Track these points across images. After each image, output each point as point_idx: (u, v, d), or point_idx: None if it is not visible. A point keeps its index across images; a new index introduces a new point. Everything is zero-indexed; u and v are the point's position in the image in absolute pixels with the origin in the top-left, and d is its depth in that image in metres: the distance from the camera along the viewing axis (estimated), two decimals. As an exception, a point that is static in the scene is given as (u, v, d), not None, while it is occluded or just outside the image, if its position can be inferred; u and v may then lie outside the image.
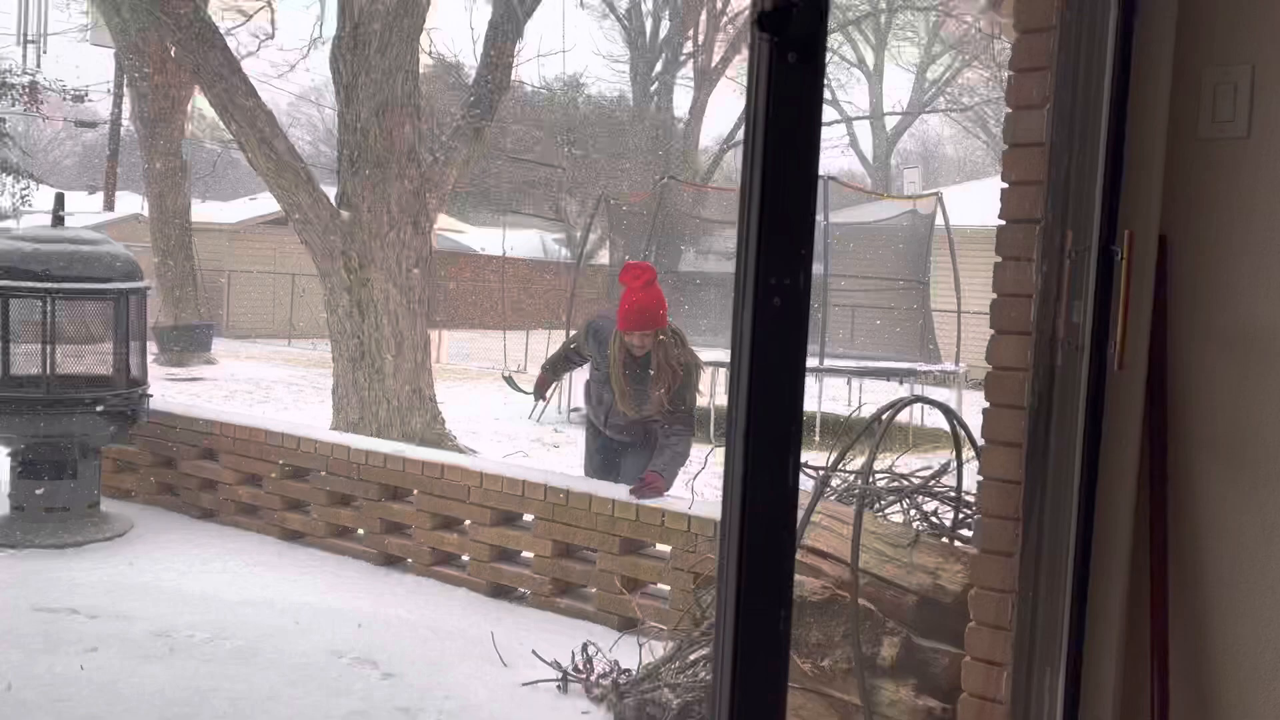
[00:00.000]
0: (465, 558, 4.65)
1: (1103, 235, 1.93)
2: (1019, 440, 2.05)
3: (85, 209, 23.35)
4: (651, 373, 4.32)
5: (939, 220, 12.81)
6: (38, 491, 4.92)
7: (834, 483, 3.31)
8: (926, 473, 3.31)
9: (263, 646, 3.66)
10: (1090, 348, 1.94)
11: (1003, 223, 2.12)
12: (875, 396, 11.72)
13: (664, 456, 4.30)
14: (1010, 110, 2.10)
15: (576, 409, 12.43)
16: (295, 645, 3.69)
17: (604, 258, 21.82)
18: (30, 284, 4.80)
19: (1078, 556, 1.96)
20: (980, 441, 2.18)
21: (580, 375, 13.77)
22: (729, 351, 1.15)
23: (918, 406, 3.73)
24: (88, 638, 3.66)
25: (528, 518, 4.49)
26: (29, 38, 20.93)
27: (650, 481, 4.20)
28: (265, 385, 13.32)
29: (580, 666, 3.48)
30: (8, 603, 3.99)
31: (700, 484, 4.18)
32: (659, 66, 28.80)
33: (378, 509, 4.86)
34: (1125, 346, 1.88)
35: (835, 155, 33.32)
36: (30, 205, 8.03)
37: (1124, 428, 1.95)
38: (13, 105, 7.35)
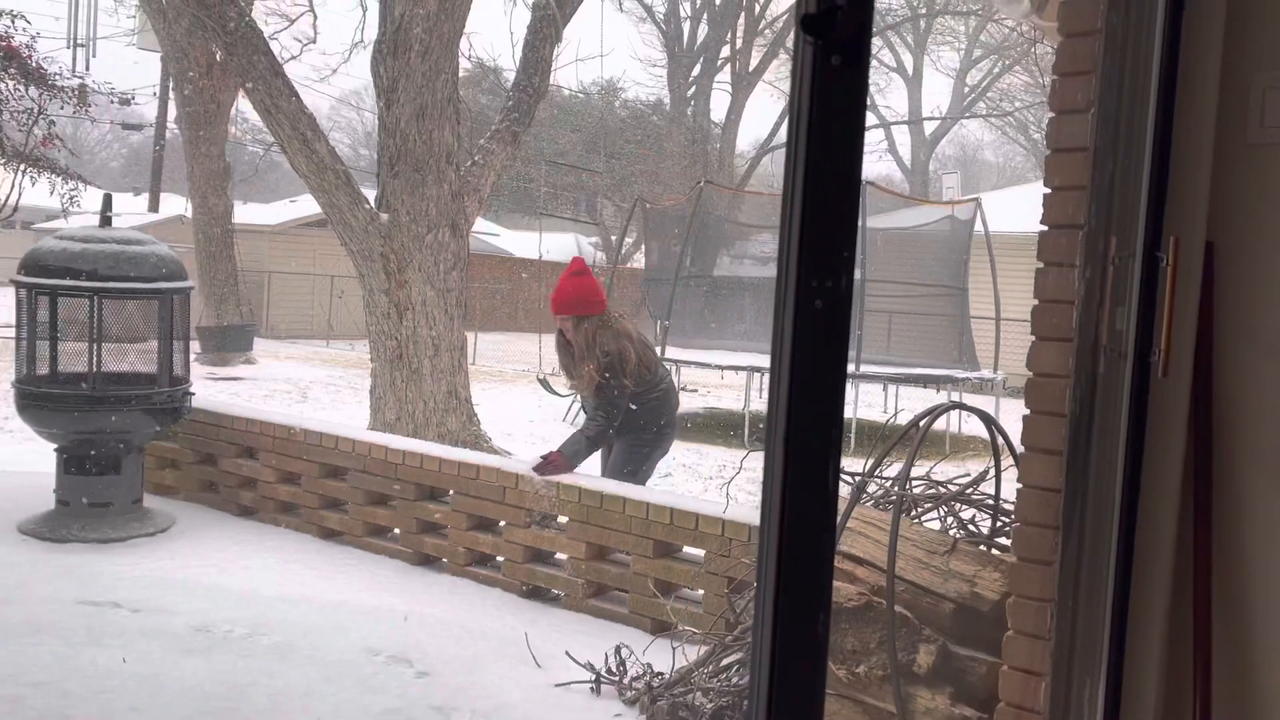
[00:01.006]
0: (500, 558, 4.67)
1: (1147, 241, 1.91)
2: (1059, 448, 2.03)
3: (131, 210, 23.78)
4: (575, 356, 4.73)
5: (978, 226, 12.70)
6: (83, 487, 5.01)
7: (870, 489, 3.29)
8: (964, 479, 3.28)
9: (300, 643, 3.71)
10: (1134, 355, 1.92)
11: (1044, 228, 2.11)
12: (912, 403, 11.64)
13: (570, 437, 4.64)
14: (1054, 115, 2.08)
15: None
16: (332, 642, 3.73)
17: (639, 261, 21.85)
18: (78, 283, 4.90)
19: (1119, 566, 1.93)
20: (1019, 448, 2.16)
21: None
22: (767, 356, 1.15)
23: (955, 414, 3.70)
24: (130, 631, 3.73)
25: (562, 520, 4.51)
26: (78, 41, 21.36)
27: (551, 459, 4.51)
28: (304, 385, 13.47)
29: (614, 668, 3.48)
30: (53, 595, 4.07)
31: (734, 488, 4.18)
32: (696, 70, 28.81)
33: (414, 509, 4.90)
34: (1170, 353, 1.86)
35: (873, 160, 33.16)
36: (79, 206, 8.19)
37: (1168, 436, 1.92)
38: (62, 108, 7.50)
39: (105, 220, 5.28)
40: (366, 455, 5.06)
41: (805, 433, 1.06)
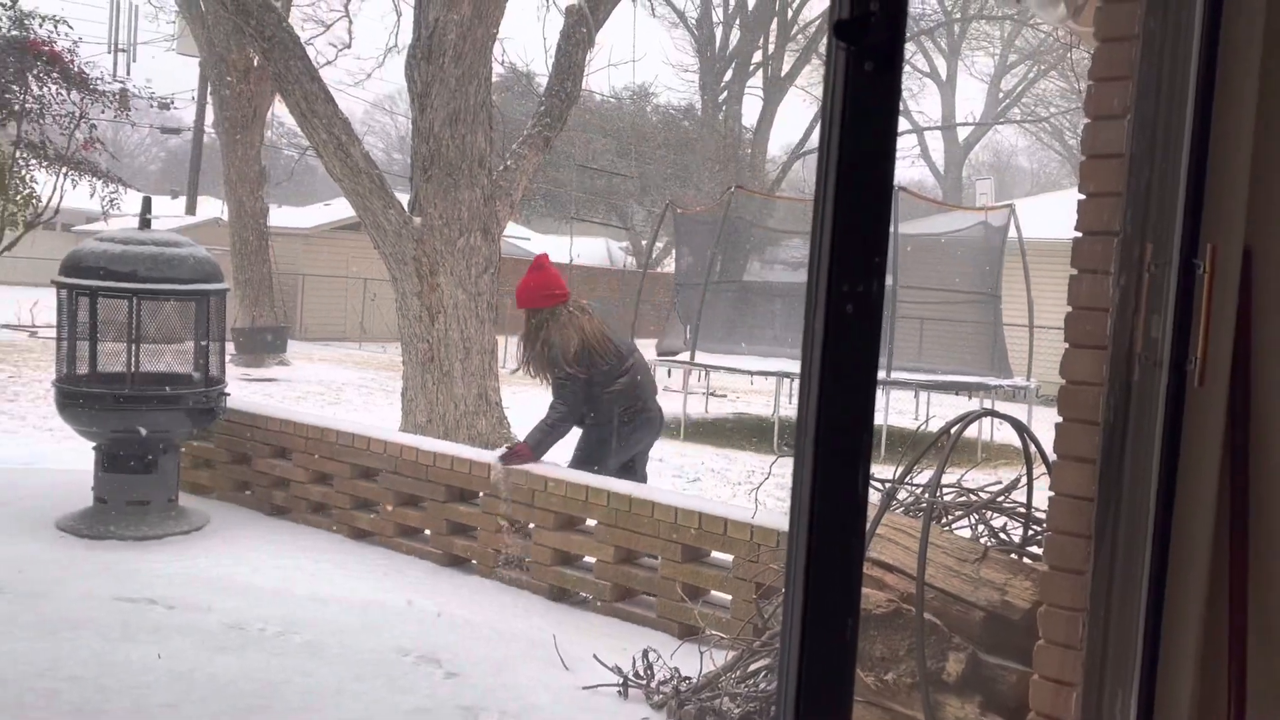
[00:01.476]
0: (529, 560, 4.69)
1: (1184, 248, 1.89)
2: (1092, 456, 2.01)
3: (169, 212, 24.13)
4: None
5: (1011, 232, 12.59)
6: (120, 485, 5.08)
7: (901, 495, 3.27)
8: (996, 487, 3.25)
9: (331, 642, 3.74)
10: (1169, 363, 1.90)
11: (1079, 235, 2.09)
12: (943, 410, 11.55)
13: (533, 428, 4.86)
14: (1089, 120, 2.07)
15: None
16: (362, 642, 3.76)
17: (669, 266, 21.86)
18: (118, 284, 4.97)
19: (1152, 576, 1.91)
20: (1052, 456, 2.15)
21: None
22: (797, 361, 1.15)
23: (987, 422, 3.67)
24: (165, 628, 3.78)
25: (591, 523, 4.52)
26: (119, 46, 21.72)
27: (516, 449, 4.83)
28: (336, 387, 13.60)
29: (641, 672, 3.49)
30: (90, 592, 4.13)
31: (763, 494, 4.17)
32: (728, 75, 28.78)
33: (444, 510, 4.93)
34: (1206, 362, 1.84)
35: (905, 166, 32.97)
36: (118, 208, 8.33)
37: (1203, 446, 1.90)
38: (103, 112, 7.63)
39: (144, 222, 5.36)
40: (398, 457, 5.10)
41: (835, 437, 1.07)
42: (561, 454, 4.96)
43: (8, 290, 18.47)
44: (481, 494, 4.81)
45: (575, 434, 5.01)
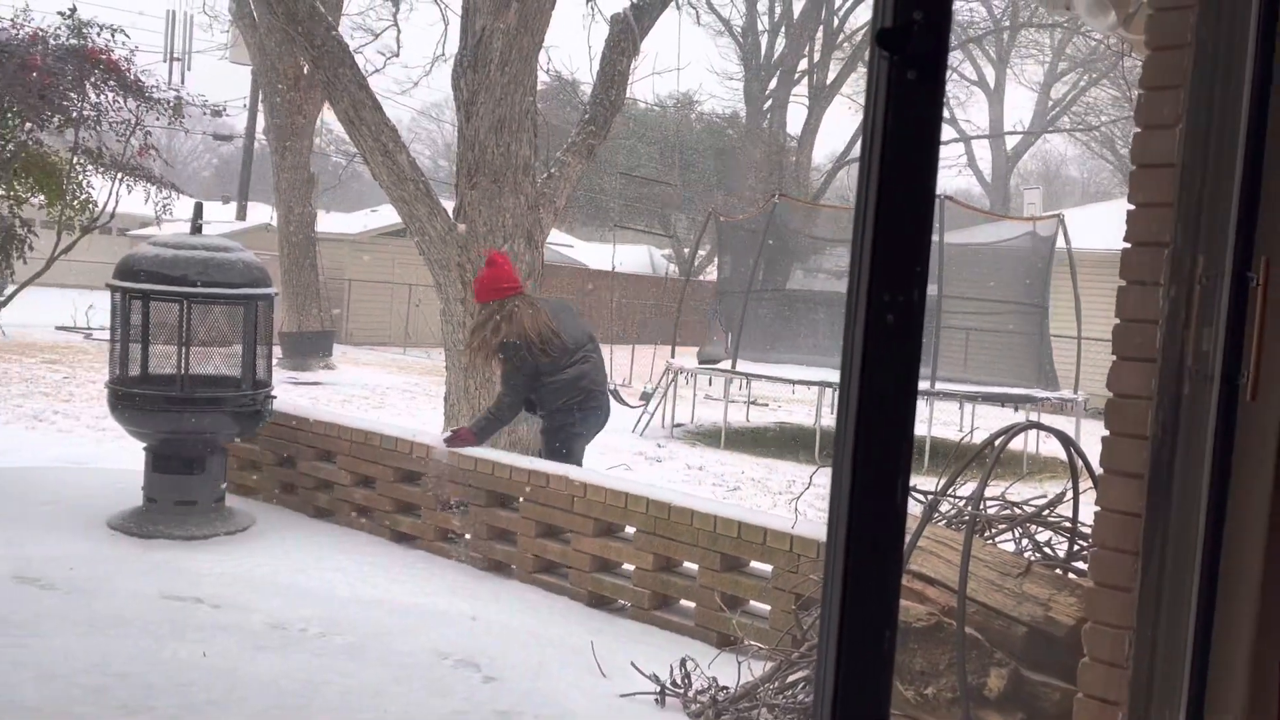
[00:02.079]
0: (567, 567, 4.70)
1: (1237, 260, 1.85)
2: (1140, 471, 1.97)
3: (220, 218, 24.57)
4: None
5: (1060, 242, 12.41)
6: (170, 485, 5.17)
7: (943, 507, 3.24)
8: (1041, 501, 3.21)
9: (371, 644, 3.78)
10: (1220, 377, 1.86)
11: (1127, 246, 2.06)
12: (988, 422, 11.41)
13: (479, 414, 5.34)
14: (1139, 130, 2.04)
15: (680, 424, 12.47)
16: (401, 644, 3.80)
17: (711, 274, 21.84)
18: (169, 288, 5.07)
19: (1201, 595, 1.87)
20: (1098, 471, 2.11)
21: (685, 392, 13.68)
22: (839, 370, 1.15)
23: (1033, 434, 3.62)
24: (210, 626, 3.84)
25: (629, 530, 4.52)
26: (174, 55, 22.18)
27: (459, 434, 5.18)
28: (381, 391, 13.74)
29: (678, 681, 3.48)
30: (139, 590, 4.21)
31: (803, 504, 4.15)
32: (773, 84, 28.72)
33: (484, 515, 4.96)
34: (1259, 376, 1.80)
35: (952, 175, 32.65)
36: (171, 213, 8.50)
37: (1256, 462, 1.85)
38: (158, 119, 7.79)
39: (195, 228, 5.46)
40: (440, 462, 5.14)
41: (874, 448, 1.06)
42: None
43: (66, 293, 18.92)
44: (520, 499, 4.84)
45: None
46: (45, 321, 17.65)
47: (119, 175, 7.78)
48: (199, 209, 5.62)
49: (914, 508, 2.97)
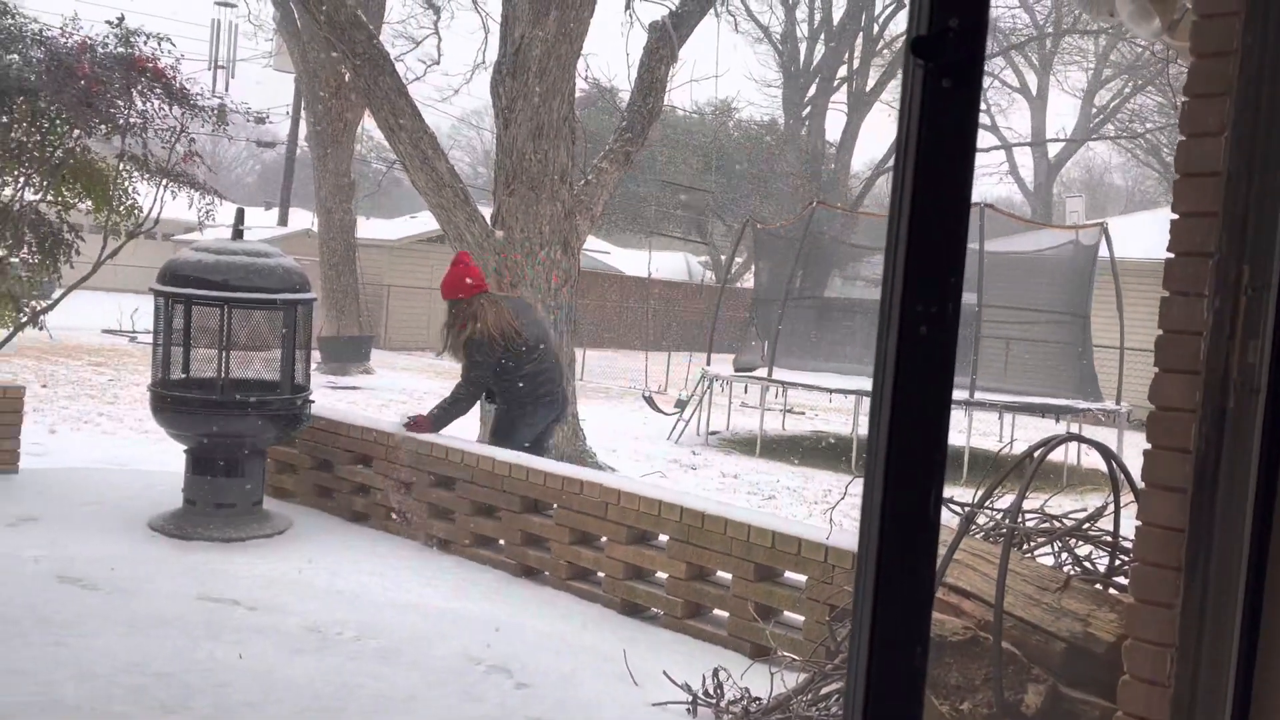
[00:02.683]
0: (600, 574, 4.70)
1: (1284, 271, 1.81)
2: (1183, 485, 1.93)
3: (261, 223, 24.94)
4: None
5: (1103, 251, 12.23)
6: (209, 487, 5.24)
7: (980, 520, 3.19)
8: (1080, 514, 3.15)
9: (405, 648, 3.80)
10: (1267, 390, 1.82)
11: (1170, 256, 2.02)
12: (1028, 433, 11.27)
13: (439, 403, 5.58)
14: (1184, 138, 2.00)
15: (715, 431, 12.43)
16: (435, 649, 3.81)
17: (748, 281, 21.79)
18: (211, 292, 5.15)
19: (1246, 613, 1.83)
20: (1140, 484, 2.07)
21: (720, 399, 13.61)
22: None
23: (1074, 446, 3.56)
24: (246, 628, 3.88)
25: (663, 538, 4.51)
26: (219, 63, 22.56)
27: (418, 421, 5.47)
28: (418, 396, 13.84)
29: (710, 691, 3.46)
30: (177, 591, 4.27)
31: (838, 514, 4.12)
32: (812, 91, 28.63)
33: (518, 520, 4.97)
34: (1306, 390, 1.76)
35: (993, 183, 32.35)
36: (214, 219, 8.63)
37: (1303, 477, 1.81)
38: (202, 126, 7.91)
39: (237, 233, 5.54)
40: (475, 467, 5.16)
41: (907, 459, 1.04)
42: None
43: (112, 297, 19.29)
44: (555, 506, 4.84)
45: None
46: (92, 325, 17.99)
47: (164, 181, 7.91)
48: (240, 215, 5.70)
49: (950, 520, 2.93)
